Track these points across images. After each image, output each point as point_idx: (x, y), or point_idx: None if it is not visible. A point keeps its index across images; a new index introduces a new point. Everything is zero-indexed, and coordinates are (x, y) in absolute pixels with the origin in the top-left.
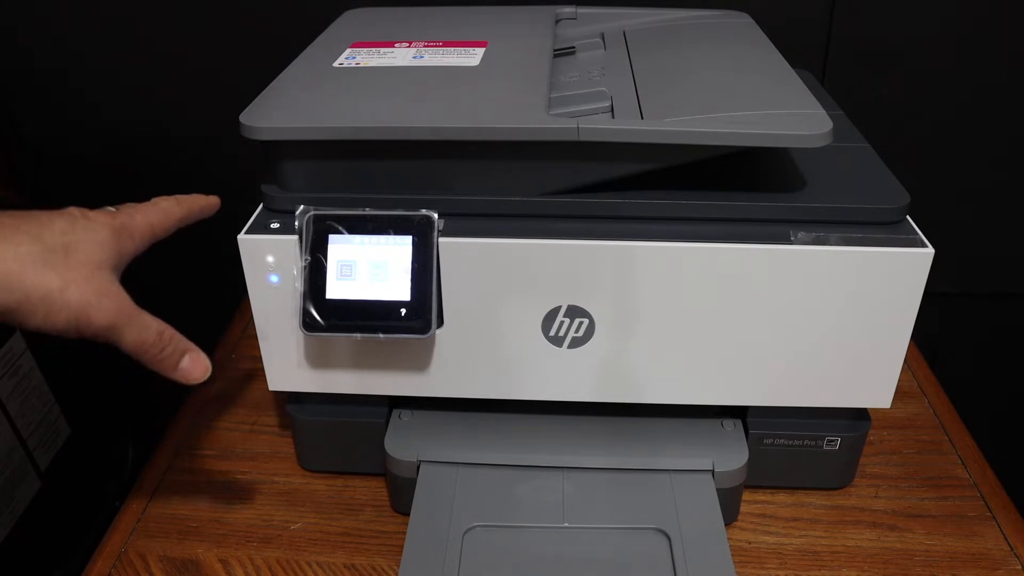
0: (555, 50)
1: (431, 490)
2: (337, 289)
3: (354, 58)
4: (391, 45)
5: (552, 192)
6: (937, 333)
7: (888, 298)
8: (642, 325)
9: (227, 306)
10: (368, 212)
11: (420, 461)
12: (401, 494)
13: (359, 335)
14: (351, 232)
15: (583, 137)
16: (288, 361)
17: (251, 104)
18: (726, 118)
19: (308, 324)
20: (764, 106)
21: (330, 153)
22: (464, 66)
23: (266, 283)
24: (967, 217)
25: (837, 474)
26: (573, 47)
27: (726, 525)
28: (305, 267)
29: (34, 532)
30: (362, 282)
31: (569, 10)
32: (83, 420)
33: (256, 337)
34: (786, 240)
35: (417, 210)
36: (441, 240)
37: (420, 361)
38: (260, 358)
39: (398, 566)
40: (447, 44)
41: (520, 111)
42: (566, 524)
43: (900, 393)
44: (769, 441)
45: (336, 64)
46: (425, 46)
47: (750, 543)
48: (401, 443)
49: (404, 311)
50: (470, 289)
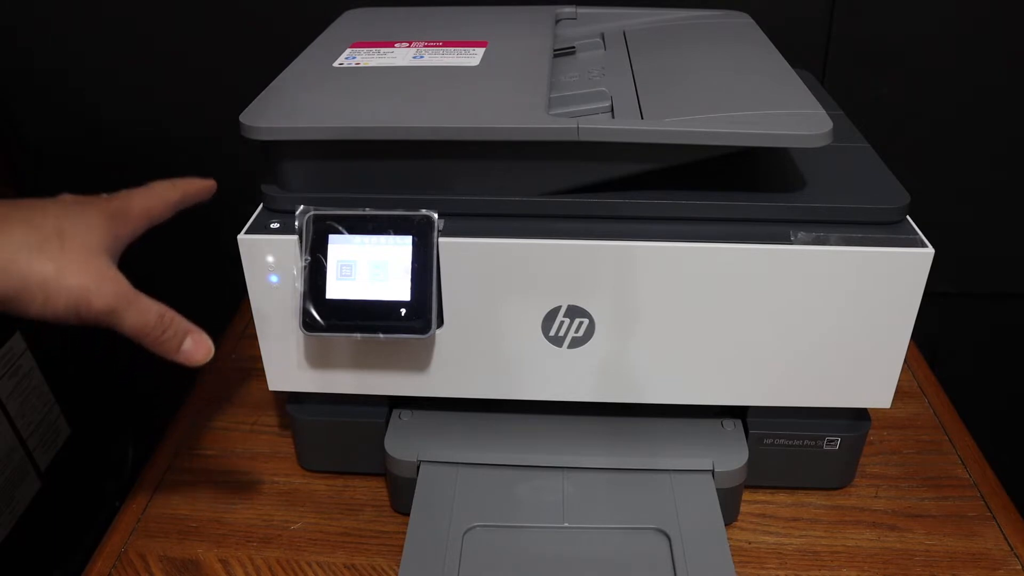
0: (555, 50)
1: (431, 490)
2: (337, 289)
3: (354, 58)
4: (391, 45)
5: (552, 192)
6: (937, 333)
7: (888, 298)
8: (642, 325)
9: (227, 306)
10: (368, 212)
11: (420, 461)
12: (401, 494)
13: (359, 335)
14: (351, 232)
15: (583, 137)
16: (288, 361)
17: (251, 104)
18: (726, 118)
19: (308, 324)
20: (764, 106)
21: (330, 153)
22: (464, 66)
23: (266, 283)
24: (967, 217)
25: (837, 474)
26: (573, 47)
27: (726, 525)
28: (305, 267)
29: (34, 532)
30: (362, 282)
31: (569, 10)
32: (83, 420)
33: (256, 337)
34: (786, 240)
35: (417, 210)
36: (441, 240)
37: (420, 361)
38: (260, 358)
39: (398, 566)
40: (447, 44)
41: (520, 111)
42: (566, 524)
43: (900, 393)
44: (769, 441)
45: (336, 64)
46: (425, 46)
47: (750, 543)
48: (401, 443)
49: (404, 311)
50: (470, 289)
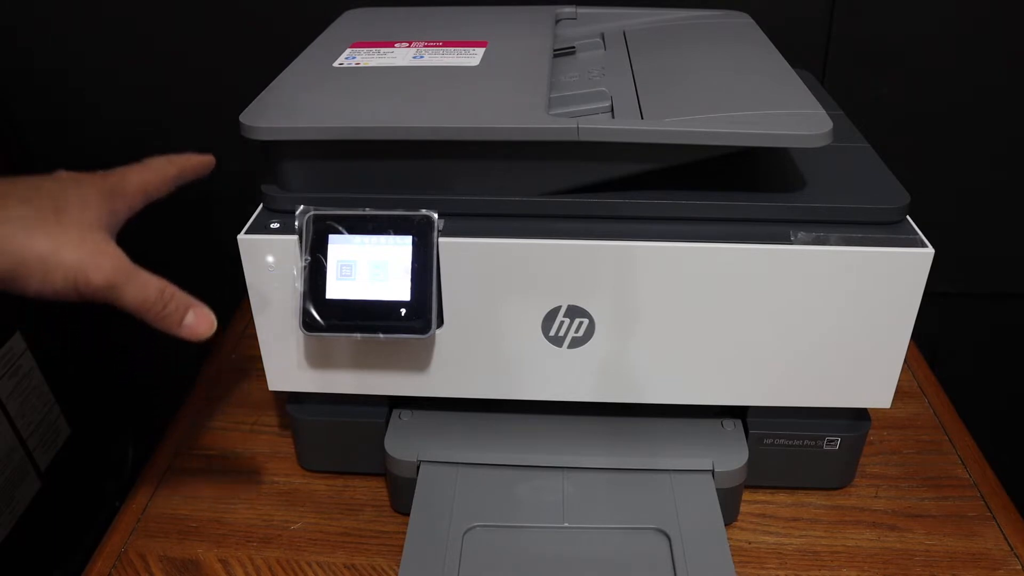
0: (555, 50)
1: (431, 490)
2: (337, 289)
3: (354, 58)
4: (391, 45)
5: (552, 192)
6: (937, 333)
7: (888, 298)
8: (642, 325)
9: (227, 306)
10: (368, 212)
11: (420, 461)
12: (401, 494)
13: (359, 335)
14: (351, 232)
15: (583, 137)
16: (288, 361)
17: (251, 104)
18: (726, 118)
19: (308, 324)
20: (764, 106)
21: (330, 153)
22: (464, 66)
23: (266, 283)
24: (967, 217)
25: (837, 474)
26: (573, 47)
27: (726, 525)
28: (305, 267)
29: (34, 532)
30: (362, 282)
31: (569, 10)
32: (83, 420)
33: (256, 337)
34: (786, 240)
35: (417, 210)
36: (441, 240)
37: (420, 361)
38: (260, 358)
39: (398, 566)
40: (447, 44)
41: (520, 111)
42: (566, 524)
43: (900, 393)
44: (769, 441)
45: (336, 64)
46: (425, 46)
47: (750, 543)
48: (401, 443)
49: (404, 311)
50: (470, 289)
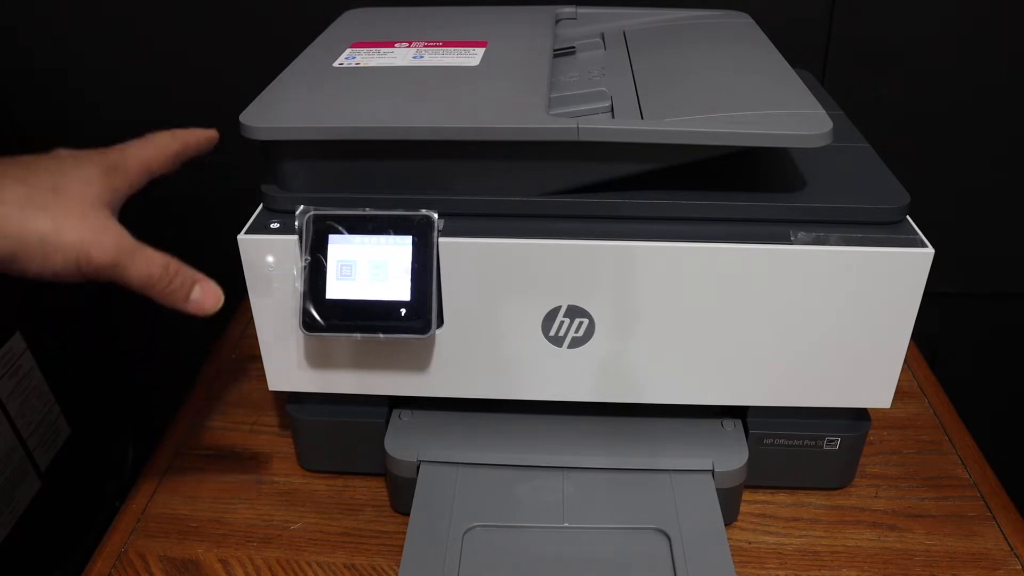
0: (555, 50)
1: (431, 490)
2: (337, 289)
3: (354, 58)
4: (391, 45)
5: (552, 192)
6: (937, 333)
7: (888, 298)
8: (642, 325)
9: (227, 306)
10: (368, 212)
11: (420, 461)
12: (401, 494)
13: (359, 335)
14: (351, 232)
15: (583, 137)
16: (288, 361)
17: (251, 104)
18: (726, 118)
19: (308, 324)
20: (764, 106)
21: (330, 153)
22: (464, 66)
23: (266, 283)
24: (967, 217)
25: (837, 474)
26: (573, 47)
27: (726, 525)
28: (305, 267)
29: (34, 532)
30: (362, 282)
31: (569, 10)
32: (83, 420)
33: (256, 337)
34: (786, 240)
35: (417, 210)
36: (441, 240)
37: (420, 361)
38: (260, 358)
39: (398, 566)
40: (447, 44)
41: (520, 111)
42: (566, 524)
43: (900, 393)
44: (769, 441)
45: (336, 64)
46: (425, 46)
47: (750, 543)
48: (401, 443)
49: (404, 311)
50: (470, 289)
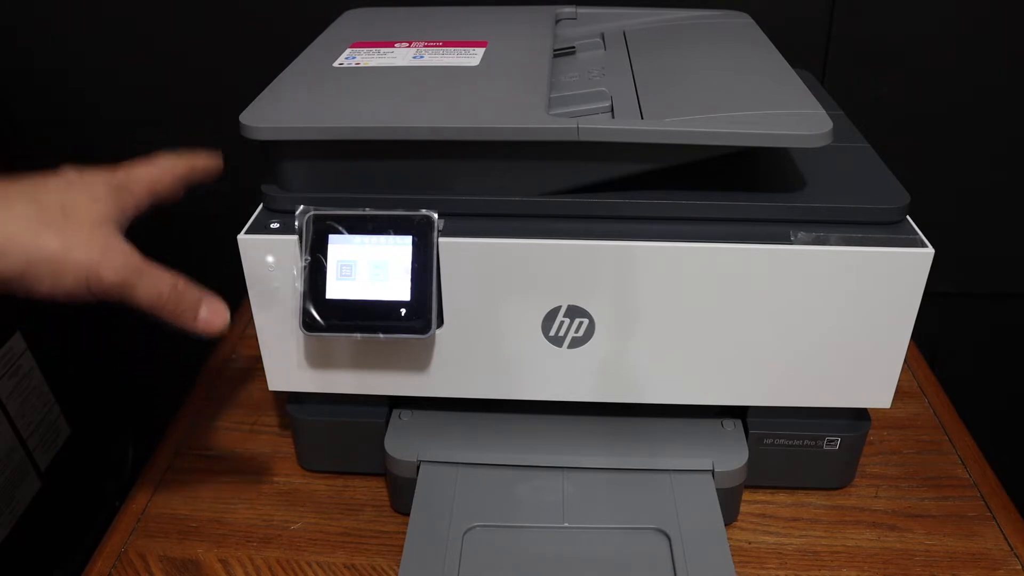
0: (555, 50)
1: (431, 490)
2: (337, 289)
3: (354, 58)
4: (391, 45)
5: (552, 192)
6: (937, 333)
7: (888, 298)
8: (642, 325)
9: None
10: (368, 212)
11: (420, 461)
12: (401, 494)
13: (359, 335)
14: (351, 232)
15: (583, 137)
16: (288, 361)
17: (251, 104)
18: (726, 118)
19: (308, 324)
20: (764, 106)
21: (330, 153)
22: (464, 66)
23: (266, 283)
24: (967, 217)
25: (837, 474)
26: (573, 47)
27: (726, 525)
28: (305, 267)
29: (34, 532)
30: (362, 282)
31: (569, 10)
32: (83, 420)
33: (256, 337)
34: (786, 240)
35: (417, 210)
36: (441, 240)
37: (420, 361)
38: (260, 358)
39: (398, 566)
40: (447, 44)
41: (520, 111)
42: (566, 524)
43: (900, 393)
44: (769, 441)
45: (336, 64)
46: (425, 46)
47: (750, 543)
48: (401, 443)
49: (404, 311)
50: (470, 289)
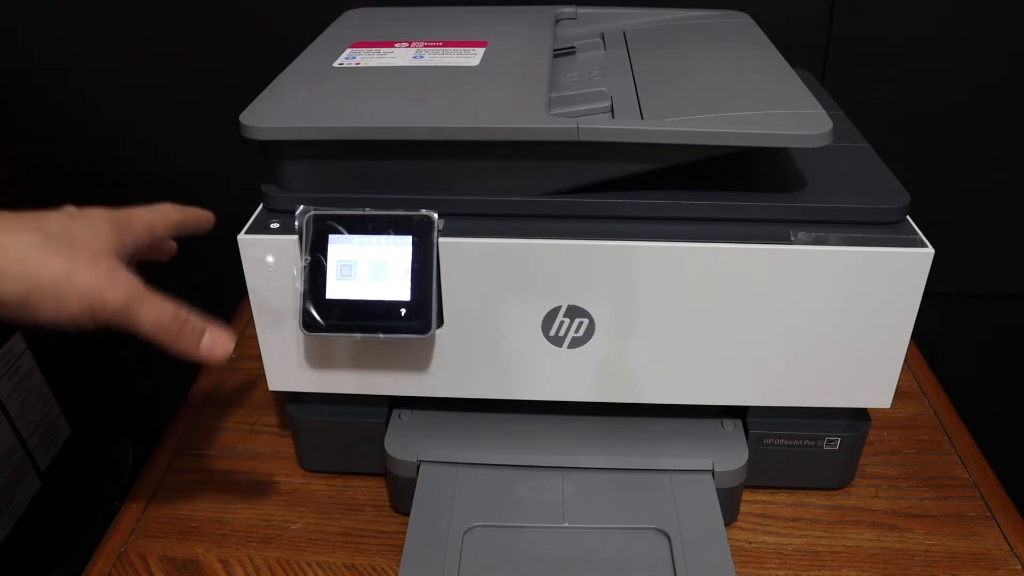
0: (555, 50)
1: (431, 490)
2: (337, 289)
3: (354, 58)
4: (391, 45)
5: (552, 192)
6: (937, 333)
7: (888, 298)
8: (642, 325)
9: (227, 306)
10: (368, 212)
11: (420, 461)
12: (401, 494)
13: (359, 335)
14: (351, 232)
15: (583, 137)
16: (288, 361)
17: (251, 104)
18: (726, 118)
19: (308, 324)
20: (764, 106)
21: (330, 153)
22: (464, 66)
23: (266, 283)
24: (967, 217)
25: (837, 474)
26: (573, 47)
27: (726, 525)
28: (305, 267)
29: (34, 532)
30: (362, 282)
31: (569, 10)
32: (83, 420)
33: (256, 337)
34: (786, 240)
35: (417, 210)
36: (441, 240)
37: (420, 361)
38: (260, 358)
39: (398, 566)
40: (447, 44)
41: (520, 111)
42: (566, 524)
43: (900, 393)
44: (769, 441)
45: (336, 64)
46: (425, 46)
47: (750, 543)
48: (401, 443)
49: (404, 311)
50: (470, 289)
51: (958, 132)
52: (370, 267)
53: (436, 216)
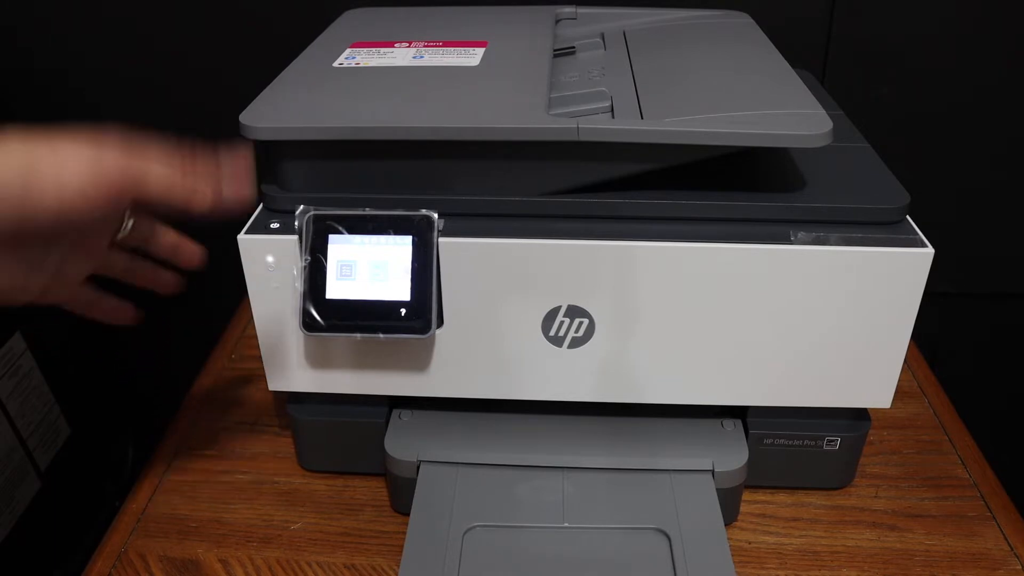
0: (555, 50)
1: (431, 490)
2: (337, 289)
3: (354, 58)
4: (391, 45)
5: (552, 192)
6: (937, 333)
7: (888, 298)
8: (642, 325)
9: (227, 306)
10: (368, 212)
11: (420, 461)
12: (401, 494)
13: (359, 335)
14: (351, 232)
15: (583, 137)
16: (288, 361)
17: (251, 104)
18: (726, 118)
19: (308, 324)
20: (764, 106)
21: (330, 153)
22: (464, 66)
23: (266, 283)
24: (967, 217)
25: (837, 474)
26: (573, 47)
27: (726, 525)
28: (305, 267)
29: (34, 532)
30: (362, 282)
31: (569, 10)
32: (83, 420)
33: (256, 337)
34: (786, 240)
35: (417, 210)
36: (441, 240)
37: (420, 361)
38: (260, 358)
39: (398, 566)
40: (447, 44)
41: (520, 111)
42: (566, 524)
43: (900, 393)
44: (769, 441)
45: (336, 64)
46: (425, 46)
47: (750, 543)
48: (401, 443)
49: (404, 311)
50: (470, 289)
51: (958, 132)
52: (370, 267)
53: (436, 216)
